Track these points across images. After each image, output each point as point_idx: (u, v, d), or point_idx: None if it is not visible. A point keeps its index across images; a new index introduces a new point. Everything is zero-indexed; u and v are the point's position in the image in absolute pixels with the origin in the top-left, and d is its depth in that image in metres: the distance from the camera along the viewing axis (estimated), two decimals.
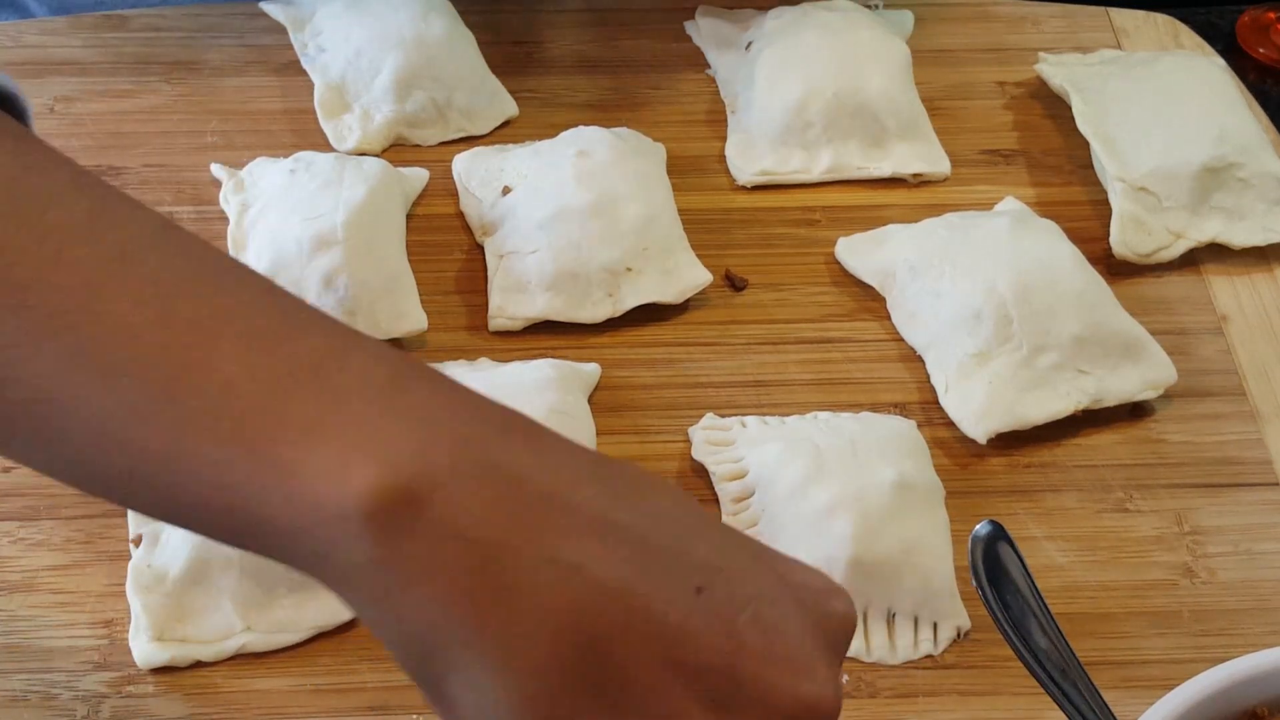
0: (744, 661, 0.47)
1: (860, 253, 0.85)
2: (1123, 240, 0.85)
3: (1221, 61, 0.95)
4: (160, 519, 0.50)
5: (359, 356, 0.47)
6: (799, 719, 0.47)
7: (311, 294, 0.78)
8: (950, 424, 0.78)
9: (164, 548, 0.69)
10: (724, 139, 0.91)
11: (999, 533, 0.64)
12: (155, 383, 0.46)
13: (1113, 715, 0.60)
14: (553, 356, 0.79)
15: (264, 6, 0.95)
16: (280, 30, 0.94)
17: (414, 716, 0.67)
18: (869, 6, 0.96)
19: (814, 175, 0.89)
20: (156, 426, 0.46)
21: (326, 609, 0.69)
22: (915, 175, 0.90)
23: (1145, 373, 0.79)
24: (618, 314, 0.81)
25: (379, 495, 0.44)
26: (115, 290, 0.47)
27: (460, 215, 0.87)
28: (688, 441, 0.77)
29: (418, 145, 0.90)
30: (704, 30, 0.97)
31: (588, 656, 0.45)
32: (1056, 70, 0.93)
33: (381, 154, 0.89)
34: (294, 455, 0.45)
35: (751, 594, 0.48)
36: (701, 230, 0.85)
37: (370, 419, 0.45)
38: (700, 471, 0.76)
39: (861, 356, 0.82)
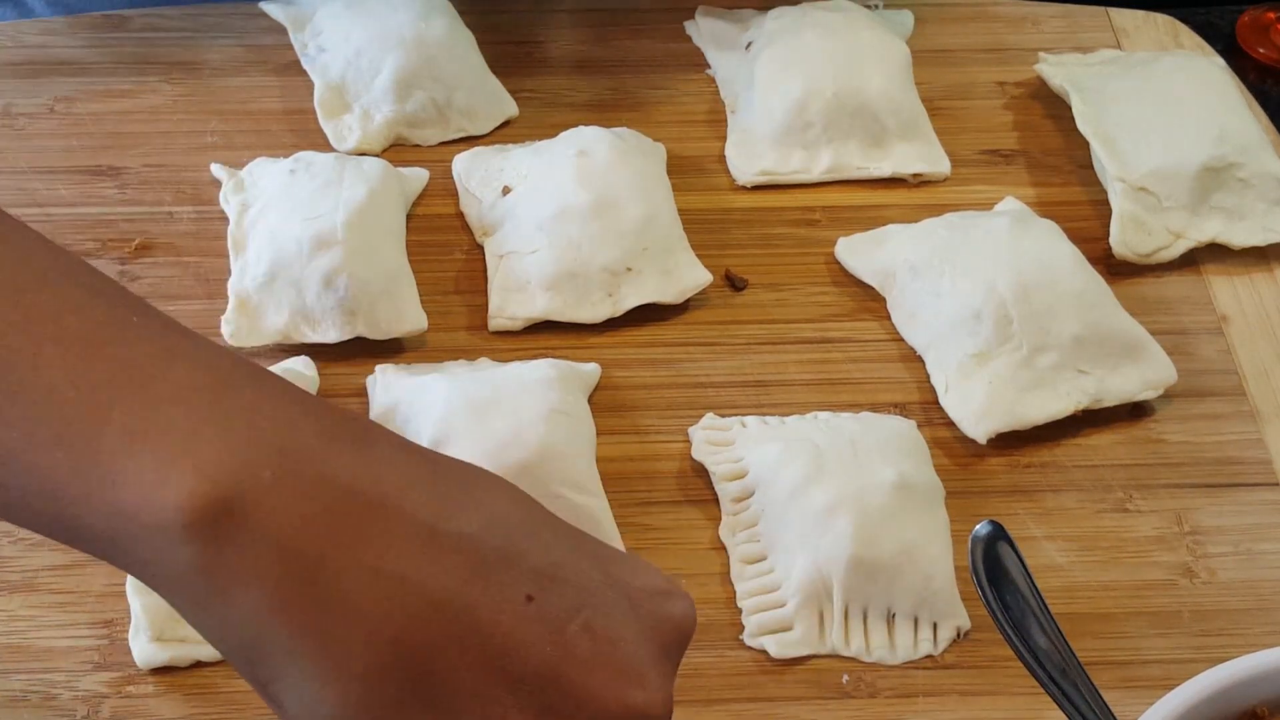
0: (572, 670, 0.47)
1: (860, 253, 0.85)
2: (1123, 240, 0.85)
3: (1221, 61, 0.95)
4: None
5: (184, 363, 0.47)
6: None
7: (311, 294, 0.78)
8: (950, 424, 0.78)
9: None
10: (724, 139, 0.91)
11: (999, 533, 0.64)
12: None
13: (1113, 715, 0.60)
14: (553, 356, 0.79)
15: (264, 6, 0.95)
16: (280, 30, 0.94)
17: None
18: (869, 6, 0.96)
19: (814, 175, 0.89)
20: None
21: None
22: (915, 175, 0.90)
23: (1145, 373, 0.79)
24: (618, 314, 0.82)
25: (198, 505, 0.44)
26: None
27: (460, 215, 0.87)
28: (688, 441, 0.77)
29: (418, 145, 0.90)
30: (704, 30, 0.97)
31: (412, 666, 0.46)
32: (1056, 70, 0.93)
33: (381, 154, 0.89)
34: (114, 464, 0.45)
35: (583, 601, 0.48)
36: (701, 230, 0.85)
37: (191, 427, 0.45)
38: (700, 471, 0.76)
39: (861, 356, 0.82)
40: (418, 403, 0.74)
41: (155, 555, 0.45)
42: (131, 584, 0.69)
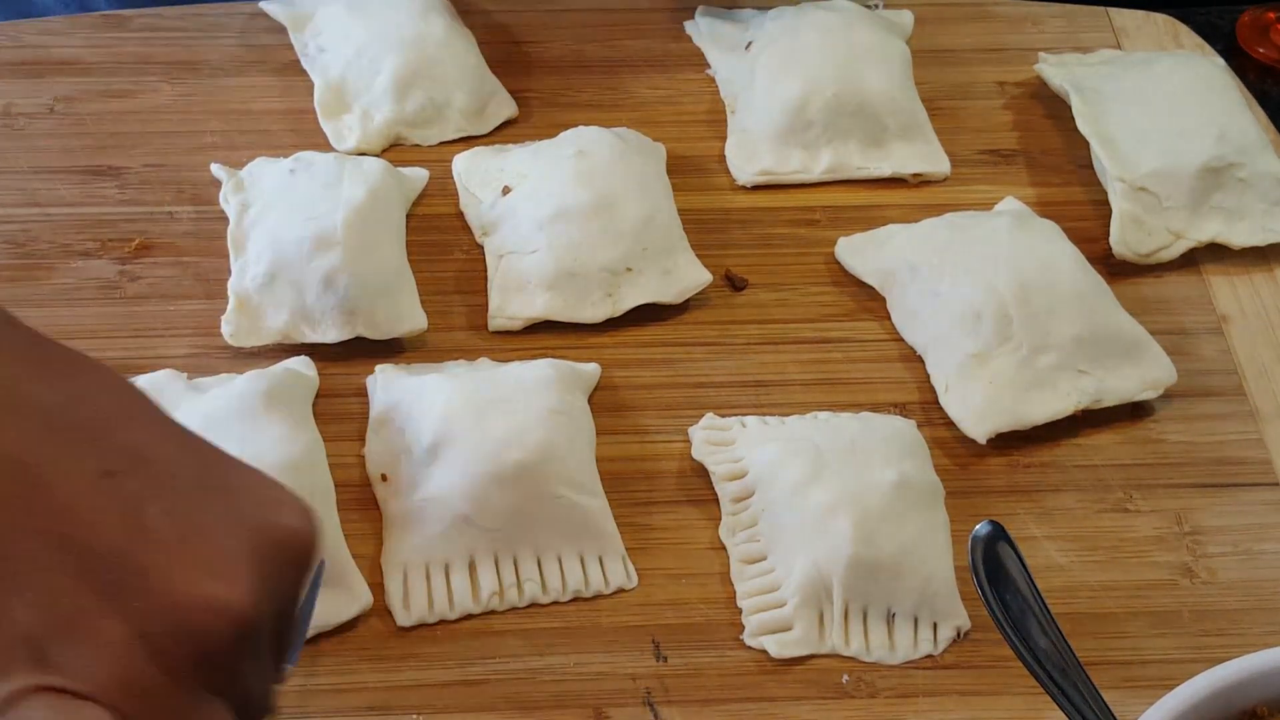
0: (145, 550, 0.45)
1: (860, 253, 0.85)
2: (1123, 240, 0.85)
3: (1221, 61, 0.95)
4: None
5: None
6: (199, 616, 0.46)
7: (311, 294, 0.78)
8: (950, 424, 0.78)
9: None
10: (724, 139, 0.91)
11: (999, 533, 0.64)
12: None
13: (1113, 715, 0.60)
14: (553, 356, 0.79)
15: (264, 6, 0.95)
16: (280, 30, 0.94)
17: (414, 716, 0.67)
18: (869, 6, 0.96)
19: (814, 175, 0.89)
20: None
21: (326, 608, 0.69)
22: (915, 175, 0.90)
23: (1145, 373, 0.79)
24: (618, 314, 0.82)
25: None
26: None
27: (460, 215, 0.87)
28: (688, 441, 0.77)
29: (418, 145, 0.90)
30: (704, 30, 0.97)
31: None
32: (1056, 70, 0.93)
33: (381, 154, 0.89)
34: None
35: (172, 485, 0.47)
36: (701, 230, 0.85)
37: None
38: (700, 471, 0.76)
39: (861, 356, 0.82)
40: (418, 403, 0.74)
41: None
42: None
